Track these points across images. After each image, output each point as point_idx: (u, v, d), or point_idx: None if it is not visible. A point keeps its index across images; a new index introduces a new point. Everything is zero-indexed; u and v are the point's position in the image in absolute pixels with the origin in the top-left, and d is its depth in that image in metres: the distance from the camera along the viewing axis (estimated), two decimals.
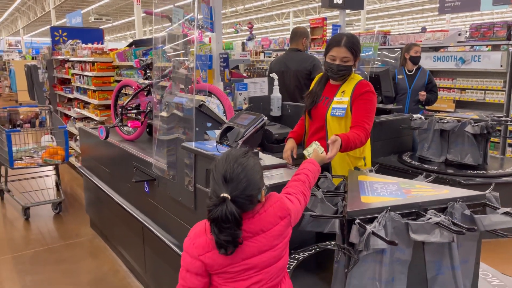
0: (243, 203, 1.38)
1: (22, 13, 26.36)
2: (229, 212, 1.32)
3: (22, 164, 4.37)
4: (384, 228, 1.55)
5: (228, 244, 1.35)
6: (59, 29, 6.74)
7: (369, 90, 2.36)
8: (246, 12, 25.46)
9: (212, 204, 1.34)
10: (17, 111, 4.89)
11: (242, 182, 1.37)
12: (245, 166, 1.40)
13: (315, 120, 2.51)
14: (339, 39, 2.33)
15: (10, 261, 3.56)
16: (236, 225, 1.34)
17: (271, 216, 1.49)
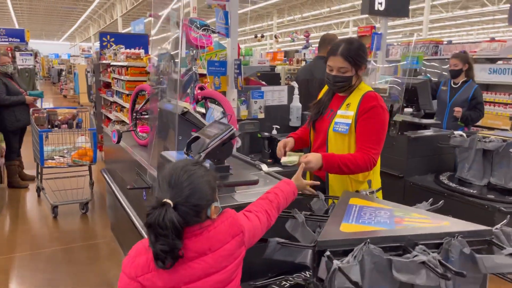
0: (187, 213, 1.25)
1: (94, 21, 28.24)
2: (168, 218, 1.19)
3: (52, 164, 4.51)
4: (360, 264, 1.31)
5: (165, 255, 1.21)
6: (107, 35, 7.00)
7: (376, 104, 2.05)
8: (304, 21, 25.29)
9: (151, 208, 1.23)
10: (56, 112, 5.10)
11: (186, 189, 1.26)
12: (192, 174, 1.30)
13: (318, 133, 2.27)
14: (336, 48, 2.07)
15: (27, 258, 3.66)
16: (175, 234, 1.21)
17: (221, 233, 1.33)
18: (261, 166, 2.52)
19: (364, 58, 2.09)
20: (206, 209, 1.32)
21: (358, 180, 2.16)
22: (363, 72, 2.13)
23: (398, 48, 6.84)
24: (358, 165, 2.01)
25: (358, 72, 2.10)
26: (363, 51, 2.08)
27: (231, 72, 3.12)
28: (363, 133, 2.05)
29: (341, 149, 2.13)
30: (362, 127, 2.06)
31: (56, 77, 22.25)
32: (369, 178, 2.19)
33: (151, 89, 3.29)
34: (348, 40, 2.10)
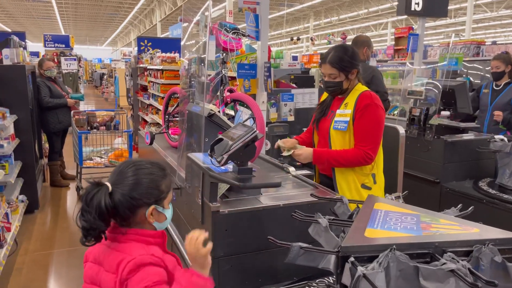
0: (121, 202, 1.26)
1: (134, 26, 29.20)
2: (97, 198, 1.21)
3: (90, 164, 4.69)
4: (386, 270, 1.28)
5: (86, 232, 1.22)
6: (145, 39, 7.21)
7: (370, 103, 2.21)
8: (341, 23, 25.00)
9: (89, 184, 1.26)
10: (95, 114, 5.30)
11: (128, 178, 1.28)
12: (140, 168, 1.32)
13: (320, 133, 2.43)
14: (325, 55, 2.27)
15: (64, 255, 3.81)
16: (98, 215, 1.21)
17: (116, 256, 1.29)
18: (289, 169, 2.51)
19: (353, 63, 2.24)
20: (145, 209, 1.31)
21: (363, 173, 2.30)
22: (354, 76, 2.28)
23: (437, 49, 6.62)
24: (348, 160, 2.21)
25: (348, 76, 2.26)
26: (350, 57, 2.24)
27: (261, 75, 3.13)
28: (358, 130, 2.22)
29: (342, 145, 2.29)
30: (358, 124, 2.22)
31: (98, 80, 23.14)
32: (373, 172, 2.33)
33: (181, 91, 3.36)
34: (336, 48, 2.28)
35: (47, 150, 5.98)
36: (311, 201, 2.00)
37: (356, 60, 2.28)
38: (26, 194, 4.65)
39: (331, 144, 2.32)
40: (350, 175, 2.29)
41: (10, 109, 4.40)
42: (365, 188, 2.31)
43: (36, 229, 4.41)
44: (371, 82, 3.51)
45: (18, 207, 4.15)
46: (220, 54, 2.82)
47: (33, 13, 24.88)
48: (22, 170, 4.53)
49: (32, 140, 4.88)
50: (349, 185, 2.28)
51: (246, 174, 1.58)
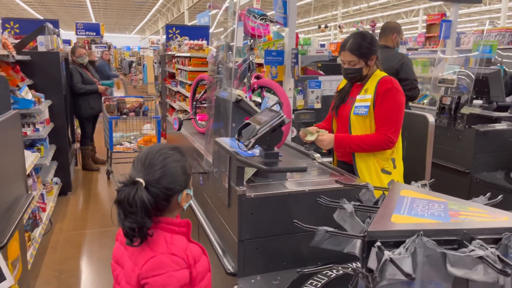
0: (157, 194, 1.25)
1: (162, 14, 29.44)
2: (138, 196, 1.19)
3: (120, 149, 4.83)
4: (412, 256, 1.28)
5: (133, 232, 1.22)
6: (173, 27, 7.28)
7: (391, 87, 2.22)
8: (371, 10, 24.42)
9: (121, 185, 1.23)
10: (124, 100, 5.43)
11: (159, 171, 1.27)
12: (167, 157, 1.30)
13: (340, 120, 2.44)
14: (345, 43, 2.28)
15: (96, 235, 3.97)
16: (144, 213, 1.20)
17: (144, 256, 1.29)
18: (315, 155, 2.52)
19: (372, 49, 2.25)
20: (177, 195, 1.32)
21: (384, 157, 2.30)
22: (373, 62, 2.29)
23: (470, 37, 6.40)
24: (370, 144, 2.22)
25: (367, 62, 2.27)
26: (369, 43, 2.25)
27: (288, 62, 3.13)
28: (380, 114, 2.23)
29: (363, 130, 2.30)
30: (379, 108, 2.22)
31: (127, 68, 23.54)
32: (393, 156, 2.34)
33: (209, 78, 3.40)
34: (355, 35, 2.30)
35: (79, 135, 6.18)
36: (336, 187, 2.01)
37: (375, 46, 2.29)
38: (60, 176, 4.84)
39: (351, 130, 2.34)
40: (371, 159, 2.30)
41: (45, 95, 4.56)
42: (385, 172, 2.32)
43: (70, 210, 4.59)
44: (400, 70, 3.44)
45: (52, 189, 4.33)
46: (248, 40, 2.83)
47: (65, 1, 25.46)
48: (56, 154, 4.71)
49: (66, 124, 5.06)
50: (369, 169, 2.29)
51: (272, 158, 1.61)
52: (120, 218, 1.23)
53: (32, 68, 4.57)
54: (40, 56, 4.68)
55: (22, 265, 2.64)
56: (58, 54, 4.81)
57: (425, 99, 4.93)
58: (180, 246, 1.33)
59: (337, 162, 2.57)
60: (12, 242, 2.41)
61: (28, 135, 3.92)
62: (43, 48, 4.94)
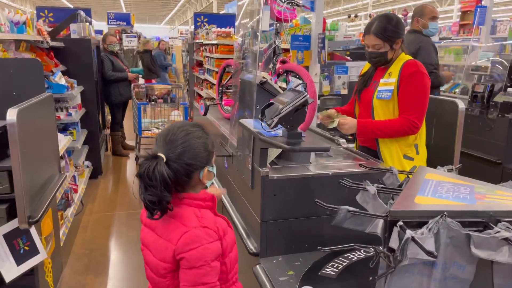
0: (177, 170, 1.27)
1: (191, 5, 29.61)
2: (158, 170, 1.22)
3: (149, 134, 4.94)
4: (435, 236, 1.27)
5: (153, 206, 1.24)
6: (201, 15, 7.33)
7: (416, 70, 2.16)
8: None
9: (143, 159, 1.26)
10: (153, 87, 5.53)
11: (180, 146, 1.28)
12: (188, 133, 1.32)
13: (362, 104, 2.39)
14: (369, 26, 2.23)
15: (124, 216, 4.09)
16: (164, 186, 1.22)
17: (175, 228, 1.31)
18: (340, 141, 2.50)
19: (398, 33, 2.19)
20: (199, 171, 1.33)
21: (407, 142, 2.26)
22: (398, 46, 2.24)
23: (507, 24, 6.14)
24: (393, 129, 2.17)
25: (393, 46, 2.21)
26: (394, 26, 2.18)
27: (314, 47, 3.10)
28: (404, 98, 2.17)
29: (386, 115, 2.25)
30: (403, 92, 2.17)
31: None
32: (416, 142, 2.30)
33: (235, 64, 3.41)
34: (380, 18, 2.23)
35: (109, 122, 6.35)
36: (360, 171, 2.00)
37: (401, 29, 2.23)
38: (91, 160, 5.00)
39: (374, 114, 2.29)
40: (393, 145, 2.26)
41: (77, 81, 4.70)
42: (407, 158, 2.28)
43: (100, 193, 4.75)
44: (417, 54, 3.35)
45: (84, 172, 4.48)
46: (274, 25, 2.82)
47: None
48: (88, 138, 4.86)
49: (97, 110, 5.21)
50: (391, 155, 2.25)
51: (295, 138, 1.61)
52: (141, 191, 1.26)
53: (65, 54, 4.72)
54: (73, 42, 4.83)
55: (55, 242, 2.77)
56: (90, 41, 4.94)
57: (457, 88, 4.78)
58: (210, 218, 1.36)
59: (359, 147, 2.53)
60: (45, 218, 2.53)
61: (61, 119, 4.07)
62: (76, 35, 5.08)
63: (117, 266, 3.23)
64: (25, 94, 2.57)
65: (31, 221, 2.06)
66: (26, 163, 2.08)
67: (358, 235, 1.55)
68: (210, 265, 1.29)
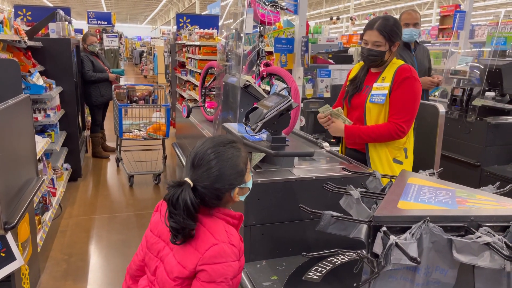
0: (205, 194, 1.24)
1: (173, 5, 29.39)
2: (182, 198, 1.18)
3: (129, 136, 4.86)
4: (418, 241, 1.28)
5: (176, 232, 1.23)
6: (183, 16, 7.27)
7: (410, 76, 2.18)
8: (384, 2, 24.11)
9: (170, 185, 1.23)
10: (134, 88, 5.45)
11: (208, 172, 1.24)
12: (220, 155, 1.25)
13: (354, 109, 2.38)
14: (373, 22, 2.23)
15: (105, 220, 4.01)
16: (187, 215, 1.19)
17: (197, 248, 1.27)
18: (323, 144, 2.51)
19: (398, 35, 2.22)
20: (230, 192, 1.30)
21: (396, 146, 2.28)
22: (395, 48, 2.25)
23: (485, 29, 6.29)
24: (380, 134, 2.18)
25: (391, 47, 2.22)
26: (397, 28, 2.22)
27: (298, 50, 3.10)
28: (395, 102, 2.18)
29: (379, 119, 2.26)
30: (394, 97, 2.18)
31: (138, 58, 23.60)
32: (405, 146, 2.32)
33: (218, 66, 3.39)
34: (384, 16, 2.26)
35: (89, 123, 6.23)
36: (344, 175, 2.01)
37: (401, 32, 2.26)
38: (70, 163, 4.89)
39: (366, 119, 2.29)
40: (383, 149, 2.27)
41: (56, 81, 4.60)
42: (397, 162, 2.30)
43: (79, 195, 4.65)
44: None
45: (62, 174, 4.38)
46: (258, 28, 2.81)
47: None
48: (67, 140, 4.76)
49: (76, 111, 5.10)
50: (381, 159, 2.27)
51: (279, 143, 1.61)
52: (166, 215, 1.24)
53: (44, 54, 4.60)
54: (52, 42, 4.71)
55: (32, 247, 2.69)
56: (69, 41, 4.83)
57: (437, 91, 4.87)
58: (236, 237, 1.33)
59: (345, 150, 2.54)
60: (22, 223, 2.45)
61: (39, 120, 3.97)
62: (55, 35, 4.97)
63: (97, 272, 3.16)
64: (1, 95, 2.50)
65: (7, 227, 2.00)
66: (2, 167, 2.01)
67: (342, 239, 1.55)
68: (229, 283, 1.27)
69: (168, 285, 1.30)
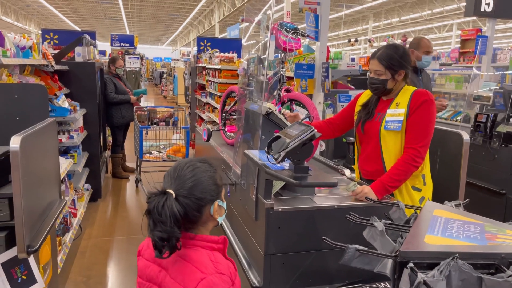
0: (188, 204, 1.25)
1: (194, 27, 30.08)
2: (168, 205, 1.19)
3: (149, 158, 4.92)
4: (447, 279, 1.24)
5: (162, 242, 1.19)
6: (204, 39, 7.41)
7: (428, 99, 2.15)
8: (402, 25, 24.16)
9: (152, 195, 1.24)
10: (155, 110, 5.54)
11: (189, 181, 1.28)
12: (196, 168, 1.32)
13: (368, 136, 2.32)
14: (376, 51, 2.24)
15: (124, 242, 4.03)
16: (174, 222, 1.19)
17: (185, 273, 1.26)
18: (344, 171, 2.48)
19: (402, 64, 2.19)
20: (209, 206, 1.31)
21: (413, 175, 2.19)
22: (401, 77, 2.22)
23: (507, 53, 6.22)
24: (404, 171, 2.10)
25: (394, 76, 2.20)
26: (400, 57, 2.19)
27: (318, 75, 3.12)
28: (412, 127, 2.14)
29: (395, 145, 2.21)
30: (412, 121, 2.14)
31: (158, 79, 24.08)
32: (422, 173, 2.26)
33: (239, 90, 3.43)
34: (388, 46, 2.25)
35: (110, 143, 6.34)
36: (366, 204, 1.98)
37: (406, 62, 2.23)
38: (91, 183, 4.96)
39: (382, 147, 2.25)
40: None
41: (80, 103, 4.71)
42: (416, 190, 2.25)
43: (99, 216, 4.69)
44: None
45: (83, 195, 4.44)
46: (279, 54, 2.85)
47: (102, 14, 26.42)
48: (88, 161, 4.84)
49: (98, 132, 5.20)
50: (399, 187, 2.20)
51: (302, 172, 1.60)
52: (150, 228, 1.22)
53: (69, 77, 4.74)
54: (77, 66, 4.85)
55: (52, 269, 2.71)
56: (94, 64, 4.97)
57: (459, 116, 4.80)
58: (224, 263, 1.32)
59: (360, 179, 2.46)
60: (44, 246, 2.48)
61: (63, 142, 4.05)
62: (80, 58, 5.12)
63: None
64: (29, 119, 2.57)
65: (30, 251, 2.02)
66: (27, 190, 2.05)
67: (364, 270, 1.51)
68: None
69: None
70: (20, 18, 26.87)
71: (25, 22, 27.80)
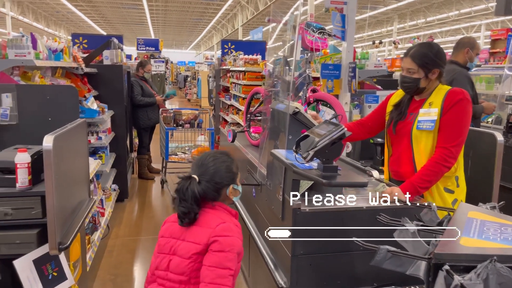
0: (208, 187, 1.64)
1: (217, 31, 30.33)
2: (190, 188, 1.59)
3: (175, 159, 4.97)
4: (484, 283, 1.20)
5: (184, 216, 1.61)
6: (228, 42, 7.46)
7: (463, 97, 2.08)
8: (428, 26, 23.69)
9: (181, 178, 1.65)
10: (181, 112, 5.60)
11: (210, 169, 1.66)
12: (216, 158, 1.70)
13: (400, 137, 2.25)
14: (409, 49, 2.19)
15: (150, 241, 4.08)
16: (194, 201, 1.59)
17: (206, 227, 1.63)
18: (372, 172, 2.44)
19: (436, 62, 2.12)
20: (226, 188, 1.69)
21: (445, 176, 2.12)
22: (435, 76, 2.15)
23: None
24: (435, 172, 2.04)
25: (428, 75, 2.13)
26: (434, 55, 2.13)
27: (345, 76, 3.08)
28: (445, 126, 2.07)
29: (427, 146, 2.14)
30: (445, 120, 2.08)
31: (182, 82, 24.38)
32: (456, 174, 2.19)
33: (265, 91, 3.42)
34: (422, 44, 2.22)
35: (136, 145, 6.45)
36: (396, 205, 1.93)
37: (441, 60, 2.15)
38: (118, 184, 5.05)
39: (414, 147, 2.19)
40: None
41: (108, 105, 4.81)
42: (448, 192, 2.17)
43: (126, 216, 4.77)
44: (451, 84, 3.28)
45: (111, 195, 4.52)
46: (305, 54, 2.83)
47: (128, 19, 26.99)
48: (116, 161, 4.93)
49: (125, 134, 5.30)
50: (431, 188, 2.13)
51: (331, 171, 1.58)
52: (176, 203, 1.63)
53: (98, 80, 4.85)
54: (106, 69, 4.97)
55: (81, 267, 2.77)
56: (121, 67, 5.07)
57: (490, 117, 4.65)
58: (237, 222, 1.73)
59: (389, 180, 2.39)
60: (74, 244, 2.53)
61: (91, 142, 4.14)
62: (108, 61, 5.24)
63: None
64: (60, 119, 2.64)
65: (61, 247, 2.07)
66: (59, 188, 2.10)
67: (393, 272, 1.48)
68: (235, 254, 1.60)
69: (183, 266, 1.60)
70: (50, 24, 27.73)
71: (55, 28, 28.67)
